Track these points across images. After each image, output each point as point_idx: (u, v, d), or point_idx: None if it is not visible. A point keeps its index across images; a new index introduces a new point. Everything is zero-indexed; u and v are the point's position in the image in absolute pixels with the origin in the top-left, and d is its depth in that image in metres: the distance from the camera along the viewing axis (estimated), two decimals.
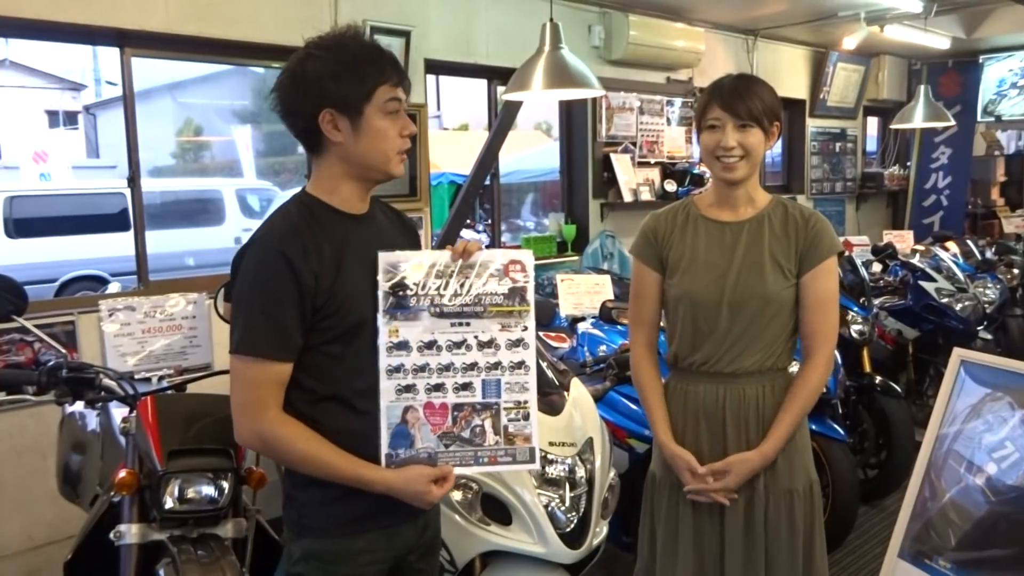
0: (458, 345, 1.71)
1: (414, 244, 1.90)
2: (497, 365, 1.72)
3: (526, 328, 1.74)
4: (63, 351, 2.50)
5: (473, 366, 1.72)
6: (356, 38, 1.73)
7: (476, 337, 1.72)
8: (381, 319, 1.69)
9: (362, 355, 1.70)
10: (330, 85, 1.66)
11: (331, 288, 1.66)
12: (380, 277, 1.70)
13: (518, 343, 1.73)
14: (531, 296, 1.75)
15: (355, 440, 1.68)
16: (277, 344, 1.64)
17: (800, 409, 2.10)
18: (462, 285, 1.72)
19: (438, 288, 1.71)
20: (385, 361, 1.69)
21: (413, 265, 1.71)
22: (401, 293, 1.70)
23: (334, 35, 1.74)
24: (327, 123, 1.68)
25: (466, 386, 1.72)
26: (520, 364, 1.73)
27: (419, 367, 1.70)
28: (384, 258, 1.71)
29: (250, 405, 1.65)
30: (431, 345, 1.71)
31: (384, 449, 1.68)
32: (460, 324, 1.72)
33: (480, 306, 1.73)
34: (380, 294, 1.70)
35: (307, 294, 1.63)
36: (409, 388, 1.70)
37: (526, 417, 1.73)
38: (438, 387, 1.71)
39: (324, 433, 1.67)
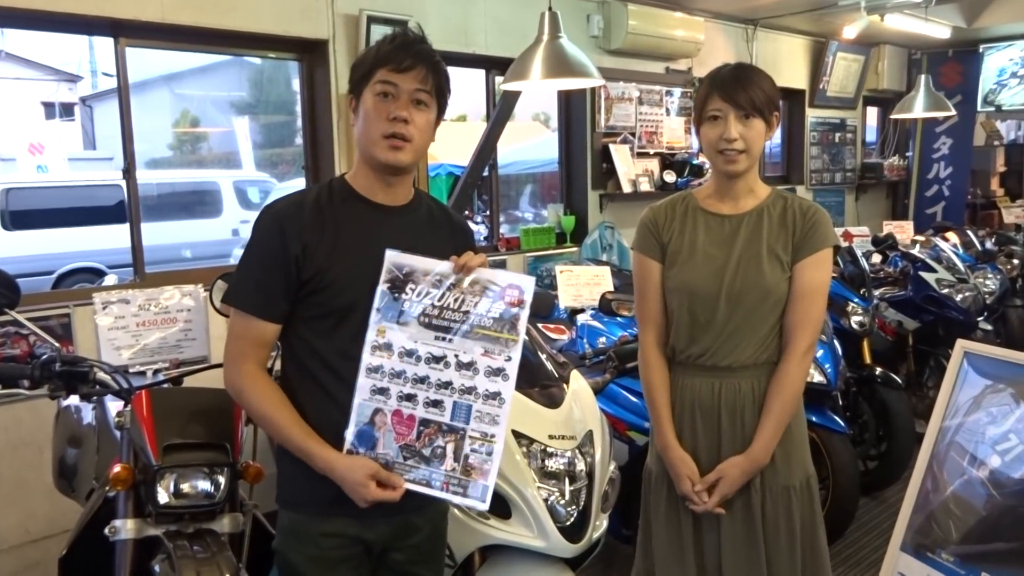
0: (437, 360, 1.69)
1: (457, 246, 1.81)
2: (472, 390, 1.68)
3: (509, 359, 1.68)
4: (56, 345, 2.48)
5: (448, 385, 1.68)
6: (400, 33, 1.79)
7: (456, 356, 1.69)
8: (373, 316, 1.69)
9: (347, 340, 1.71)
10: (351, 74, 1.79)
11: (322, 264, 1.70)
12: (382, 275, 1.69)
13: (498, 372, 1.68)
14: (522, 327, 1.69)
15: (321, 424, 1.71)
16: (258, 303, 1.72)
17: (781, 409, 2.06)
18: (456, 300, 1.70)
19: (432, 298, 1.70)
20: (368, 359, 1.69)
21: (415, 270, 1.70)
22: (396, 295, 1.69)
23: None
24: (351, 108, 1.79)
25: (437, 403, 1.68)
26: (496, 395, 1.68)
27: (396, 373, 1.69)
28: (391, 257, 1.70)
29: (232, 355, 1.75)
30: (411, 354, 1.69)
31: (347, 444, 1.69)
32: (442, 339, 1.69)
33: (467, 325, 1.69)
34: (378, 292, 1.69)
35: (291, 263, 1.69)
36: (383, 391, 1.69)
37: (490, 452, 1.67)
38: (410, 397, 1.69)
39: (302, 412, 1.72)
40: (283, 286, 1.70)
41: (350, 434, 1.69)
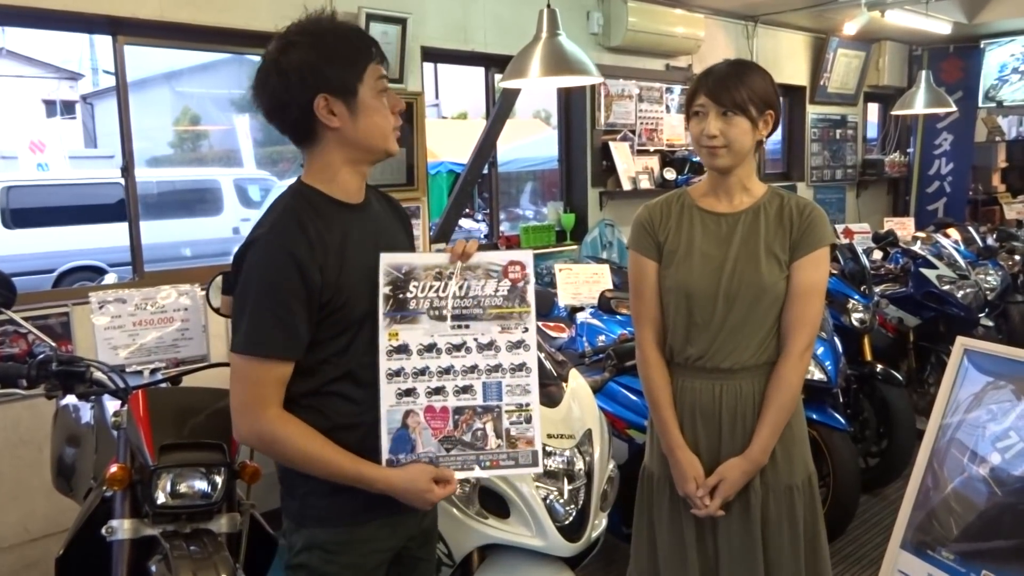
0: (458, 348, 1.70)
1: (407, 230, 1.91)
2: (498, 367, 1.71)
3: (527, 329, 1.71)
4: (53, 344, 2.47)
5: (473, 368, 1.70)
6: (334, 21, 1.70)
7: (476, 339, 1.70)
8: (381, 322, 1.68)
9: (365, 346, 1.69)
10: (324, 69, 1.63)
11: (336, 282, 1.65)
12: (381, 279, 1.68)
13: (519, 344, 1.71)
14: (531, 297, 1.72)
15: (358, 433, 1.68)
16: (285, 345, 1.62)
17: (778, 410, 2.04)
18: (461, 287, 1.70)
19: (437, 290, 1.70)
20: (385, 365, 1.67)
21: (415, 267, 1.70)
22: (401, 296, 1.69)
23: (310, 21, 1.69)
24: (322, 109, 1.65)
25: (467, 389, 1.70)
26: (521, 366, 1.71)
27: (419, 371, 1.68)
28: (385, 260, 1.69)
29: (251, 403, 1.62)
30: (431, 348, 1.69)
31: (385, 455, 1.67)
32: (459, 326, 1.70)
33: (479, 308, 1.71)
34: (380, 297, 1.68)
35: (315, 292, 1.62)
36: (409, 392, 1.68)
37: (528, 420, 1.71)
38: (438, 390, 1.69)
39: (328, 424, 1.67)
40: (306, 320, 1.62)
41: (385, 442, 1.67)
